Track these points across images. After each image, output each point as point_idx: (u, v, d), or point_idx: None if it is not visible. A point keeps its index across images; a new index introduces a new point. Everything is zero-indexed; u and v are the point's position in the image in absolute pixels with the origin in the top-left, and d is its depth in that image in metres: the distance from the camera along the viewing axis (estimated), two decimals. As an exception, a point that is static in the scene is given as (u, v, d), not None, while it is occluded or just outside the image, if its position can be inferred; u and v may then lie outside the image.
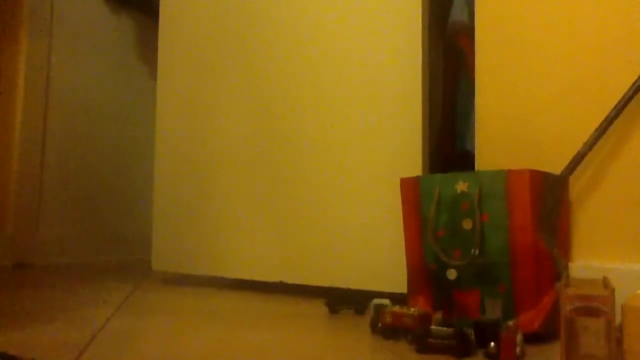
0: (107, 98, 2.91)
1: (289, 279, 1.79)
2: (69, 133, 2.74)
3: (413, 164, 1.59)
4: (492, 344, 1.00)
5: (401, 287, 1.56)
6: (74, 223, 2.75)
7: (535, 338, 1.13)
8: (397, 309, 1.18)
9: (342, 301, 1.49)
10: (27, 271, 2.41)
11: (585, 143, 1.31)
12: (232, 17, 2.00)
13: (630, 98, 1.28)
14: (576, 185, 1.36)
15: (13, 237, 2.49)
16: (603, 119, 1.32)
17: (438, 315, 1.15)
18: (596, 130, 1.31)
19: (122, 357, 1.00)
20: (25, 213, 2.55)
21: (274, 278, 1.82)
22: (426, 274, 1.29)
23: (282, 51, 1.87)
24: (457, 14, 1.76)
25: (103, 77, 2.90)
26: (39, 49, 2.59)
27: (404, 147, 1.61)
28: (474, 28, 1.66)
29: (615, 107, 1.29)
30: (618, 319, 0.87)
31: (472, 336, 1.04)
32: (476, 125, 1.51)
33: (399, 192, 1.55)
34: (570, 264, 1.33)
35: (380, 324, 1.19)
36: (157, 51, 2.25)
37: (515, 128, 1.44)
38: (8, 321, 1.30)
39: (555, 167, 1.37)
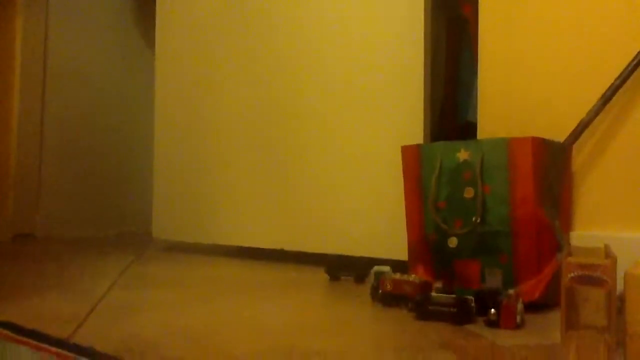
0: (105, 73, 2.88)
1: (290, 247, 1.79)
2: (67, 107, 2.72)
3: (415, 133, 1.57)
4: (493, 311, 1.00)
5: (402, 254, 1.56)
6: (74, 196, 2.75)
7: (535, 307, 1.13)
8: (397, 276, 1.18)
9: (342, 268, 1.49)
10: (28, 243, 2.42)
11: (589, 111, 1.30)
12: (232, -19, 1.97)
13: (636, 66, 1.26)
14: (579, 154, 1.35)
15: (14, 210, 2.49)
16: (607, 87, 1.31)
17: (438, 284, 1.15)
18: (600, 98, 1.29)
19: (122, 328, 1.00)
20: (25, 186, 2.54)
21: (275, 245, 1.82)
22: (427, 243, 1.29)
23: (282, 23, 1.84)
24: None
25: (101, 52, 2.86)
26: (35, 25, 2.56)
27: (405, 117, 1.59)
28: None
29: (619, 75, 1.27)
30: (619, 289, 0.87)
31: (473, 304, 1.05)
32: (479, 93, 1.49)
33: (400, 161, 1.54)
34: (571, 233, 1.33)
35: (380, 291, 1.19)
36: (155, 27, 2.21)
37: (518, 97, 1.43)
38: (9, 292, 1.30)
39: (559, 136, 1.36)
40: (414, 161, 1.32)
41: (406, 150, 1.34)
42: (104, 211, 2.88)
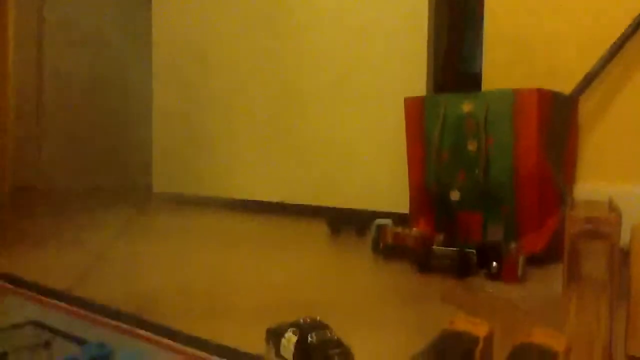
0: (104, 26, 2.82)
1: (290, 199, 1.78)
2: (65, 59, 2.68)
3: (418, 84, 1.55)
4: (494, 264, 1.00)
5: (403, 207, 1.55)
6: (74, 148, 2.73)
7: (537, 260, 1.13)
8: (398, 229, 1.18)
9: (343, 221, 1.49)
10: (29, 194, 2.42)
11: (597, 63, 1.27)
12: None
13: (645, 17, 1.23)
14: (585, 106, 1.33)
15: (14, 163, 2.48)
16: (615, 39, 1.27)
17: (440, 237, 1.15)
18: (608, 50, 1.26)
19: (124, 281, 1.00)
20: (24, 139, 2.53)
21: (275, 198, 1.82)
22: (429, 195, 1.28)
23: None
24: None
25: (98, 12, 2.80)
26: None
27: (408, 67, 1.56)
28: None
29: (628, 27, 1.24)
30: (623, 242, 0.86)
31: (474, 257, 1.04)
32: (484, 42, 1.46)
33: (403, 112, 1.52)
34: (576, 186, 1.32)
35: (381, 244, 1.19)
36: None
37: (524, 48, 1.39)
38: (11, 244, 1.30)
39: (565, 88, 1.33)
40: (418, 113, 1.30)
41: (409, 102, 1.32)
42: (105, 163, 2.86)
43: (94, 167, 2.82)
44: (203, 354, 0.63)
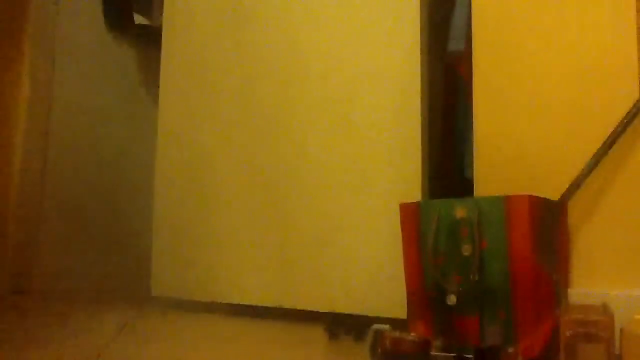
0: (109, 125, 2.91)
1: (288, 304, 1.78)
2: (69, 163, 2.73)
3: (413, 189, 1.59)
4: (492, 370, 0.99)
5: (401, 312, 1.55)
6: (71, 251, 2.74)
7: (535, 364, 1.12)
8: (396, 334, 1.18)
9: (341, 327, 1.48)
10: (25, 298, 2.40)
11: (584, 167, 1.31)
12: (233, 43, 2.02)
13: (628, 123, 1.29)
14: (575, 210, 1.36)
15: (12, 262, 2.48)
16: (601, 143, 1.32)
17: (438, 342, 1.15)
18: (594, 154, 1.31)
19: (120, 382, 1.00)
20: (23, 243, 2.54)
21: (274, 303, 1.81)
22: (426, 299, 1.28)
23: (283, 73, 1.88)
24: (456, 44, 1.78)
25: (106, 104, 2.90)
26: (41, 71, 2.60)
27: (403, 174, 1.61)
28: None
29: (613, 131, 1.30)
30: (617, 345, 0.87)
31: (472, 362, 1.04)
32: (474, 150, 1.51)
33: (398, 218, 1.55)
34: (569, 290, 1.33)
35: (379, 350, 1.18)
36: (158, 78, 2.26)
37: (513, 153, 1.45)
38: (7, 348, 1.29)
39: (555, 192, 1.37)
40: (413, 218, 1.33)
41: (405, 208, 1.35)
42: (104, 267, 2.86)
43: (92, 270, 2.81)
44: None
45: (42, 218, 2.61)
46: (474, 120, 1.53)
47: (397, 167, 1.62)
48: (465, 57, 1.76)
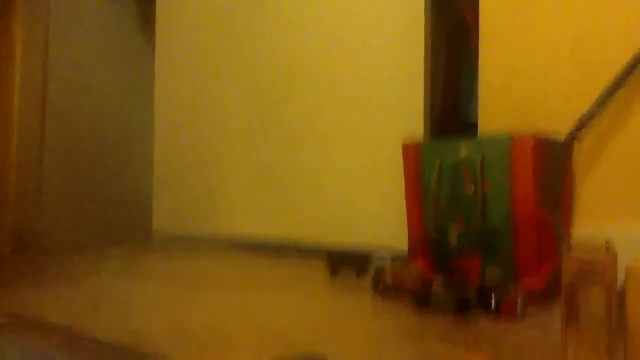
0: (106, 82, 2.86)
1: (290, 239, 1.79)
2: (68, 118, 2.70)
3: (416, 130, 1.58)
4: (493, 303, 1.01)
5: (403, 245, 1.56)
6: (74, 193, 2.73)
7: (536, 302, 1.14)
8: (397, 270, 1.19)
9: (343, 262, 1.49)
10: (29, 241, 2.42)
11: (590, 107, 1.30)
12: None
13: (635, 64, 1.26)
14: (581, 150, 1.35)
15: (14, 222, 2.47)
16: (609, 83, 1.30)
17: (439, 279, 1.16)
18: (601, 94, 1.29)
19: (124, 322, 1.01)
20: (26, 194, 2.53)
21: (275, 238, 1.82)
22: (427, 239, 1.29)
23: (283, 23, 1.83)
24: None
25: (102, 59, 2.84)
26: (35, 33, 2.54)
27: (406, 113, 1.60)
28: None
29: (621, 70, 1.27)
30: (620, 284, 0.88)
31: (473, 297, 1.05)
32: (479, 90, 1.49)
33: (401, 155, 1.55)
34: (572, 230, 1.33)
35: (380, 285, 1.19)
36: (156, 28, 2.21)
37: (518, 93, 1.43)
38: (11, 289, 1.30)
39: (560, 132, 1.36)
40: (415, 159, 1.32)
41: (407, 148, 1.34)
42: (105, 204, 2.86)
43: (94, 222, 2.81)
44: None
45: (43, 173, 2.60)
46: (479, 60, 1.50)
47: (400, 108, 1.60)
48: (471, 2, 1.71)
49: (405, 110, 1.60)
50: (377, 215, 1.63)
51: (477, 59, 1.53)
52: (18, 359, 0.71)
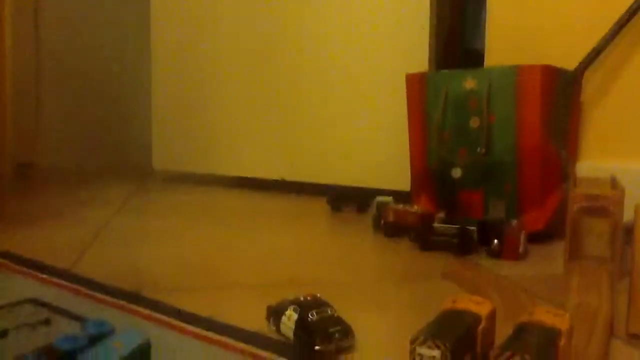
0: (101, 6, 2.79)
1: (291, 177, 1.78)
2: (63, 38, 2.65)
3: (420, 61, 1.53)
4: (496, 241, 0.99)
5: (404, 185, 1.55)
6: (74, 125, 2.72)
7: (539, 237, 1.13)
8: (399, 207, 1.17)
9: (344, 199, 1.48)
10: (29, 172, 2.41)
11: (601, 39, 1.25)
12: None
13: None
14: (590, 82, 1.31)
15: (14, 140, 2.46)
16: (621, 14, 1.25)
17: (441, 214, 1.14)
18: (613, 26, 1.24)
19: (123, 258, 1.00)
20: (23, 115, 2.51)
21: (275, 175, 1.81)
22: (430, 173, 1.27)
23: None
24: None
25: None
26: None
27: (410, 44, 1.54)
28: None
29: (634, 2, 1.22)
30: (625, 219, 0.86)
31: (476, 234, 1.04)
32: (487, 18, 1.44)
33: (405, 89, 1.51)
34: (578, 163, 1.31)
35: (382, 222, 1.18)
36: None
37: (527, 21, 1.38)
38: (11, 222, 1.30)
39: (569, 64, 1.32)
40: (419, 90, 1.29)
41: (411, 79, 1.30)
42: (105, 140, 2.85)
43: (94, 144, 2.81)
44: (203, 331, 0.63)
45: (40, 91, 2.57)
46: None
47: (404, 38, 1.55)
48: None
49: (409, 42, 1.54)
50: (379, 156, 1.61)
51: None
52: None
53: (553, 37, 1.34)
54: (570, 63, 1.30)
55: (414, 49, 1.54)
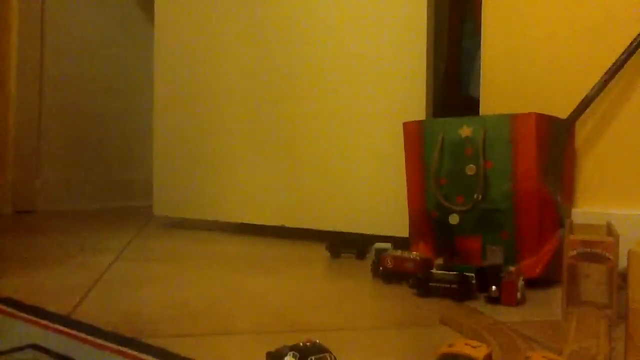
0: (104, 42, 2.85)
1: (291, 223, 1.79)
2: (66, 78, 2.70)
3: (417, 108, 1.56)
4: (494, 288, 1.00)
5: (403, 231, 1.56)
6: (74, 169, 2.74)
7: (536, 283, 1.13)
8: (398, 253, 1.18)
9: (343, 245, 1.49)
10: (29, 217, 2.42)
11: (593, 88, 1.28)
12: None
13: (637, 47, 1.24)
14: (582, 130, 1.34)
15: (13, 183, 2.49)
16: (612, 63, 1.29)
17: (439, 261, 1.15)
18: (605, 74, 1.27)
19: (124, 303, 1.00)
20: (24, 159, 2.53)
21: (276, 222, 1.82)
22: (428, 220, 1.28)
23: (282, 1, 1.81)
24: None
25: (99, 21, 2.83)
26: None
27: (407, 91, 1.58)
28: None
29: (624, 51, 1.25)
30: (621, 266, 0.87)
31: (474, 280, 1.05)
32: (482, 67, 1.48)
33: (402, 136, 1.54)
34: (574, 210, 1.32)
35: (381, 268, 1.19)
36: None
37: (521, 71, 1.41)
38: (10, 266, 1.31)
39: (562, 112, 1.35)
40: (416, 137, 1.31)
41: (408, 126, 1.33)
42: (105, 184, 2.87)
43: (94, 188, 2.83)
44: (203, 377, 0.63)
45: (42, 136, 2.60)
46: (482, 37, 1.48)
47: (401, 87, 1.59)
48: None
49: (407, 90, 1.58)
50: (378, 203, 1.62)
51: (480, 31, 1.50)
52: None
53: (547, 85, 1.38)
54: (563, 111, 1.33)
55: (411, 97, 1.57)
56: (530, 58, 1.40)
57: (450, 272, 1.06)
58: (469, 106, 1.78)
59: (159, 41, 2.15)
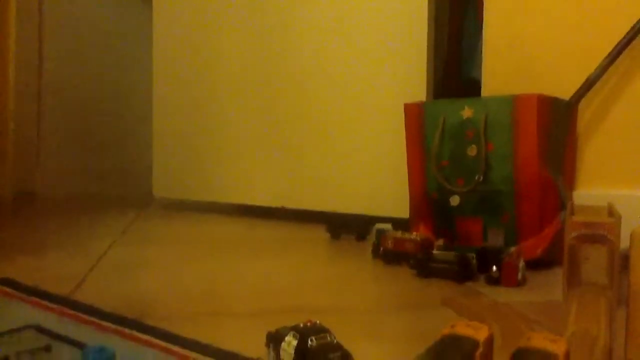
0: (104, 30, 2.83)
1: (291, 204, 1.79)
2: (65, 65, 2.68)
3: (418, 90, 1.55)
4: (494, 268, 1.00)
5: (403, 212, 1.56)
6: (74, 154, 2.74)
7: (537, 265, 1.13)
8: (398, 234, 1.18)
9: (343, 226, 1.49)
10: (29, 201, 2.42)
11: (596, 69, 1.27)
12: None
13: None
14: (584, 112, 1.33)
15: (14, 168, 2.48)
16: (615, 45, 1.27)
17: (440, 241, 1.15)
18: (607, 56, 1.26)
19: (123, 286, 1.00)
20: (25, 144, 2.53)
21: (276, 203, 1.82)
22: (428, 201, 1.28)
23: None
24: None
25: (99, 9, 2.81)
26: None
27: (408, 73, 1.56)
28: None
29: (627, 33, 1.24)
30: (623, 247, 0.87)
31: (474, 261, 1.04)
32: (484, 48, 1.46)
33: (403, 118, 1.53)
34: (575, 192, 1.32)
35: (381, 249, 1.19)
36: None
37: (523, 52, 1.40)
38: (10, 251, 1.30)
39: (564, 94, 1.34)
40: (417, 119, 1.30)
41: (409, 108, 1.32)
42: (105, 168, 2.87)
43: (94, 172, 2.82)
44: (203, 358, 0.63)
45: (41, 121, 2.59)
46: (484, 19, 1.46)
47: (402, 69, 1.57)
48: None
49: (408, 71, 1.57)
50: (379, 184, 1.62)
51: (481, 13, 1.49)
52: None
53: (548, 67, 1.37)
54: (565, 92, 1.32)
55: (412, 78, 1.56)
56: (532, 40, 1.39)
57: (451, 253, 1.05)
58: (470, 89, 1.76)
59: (157, 25, 2.13)
